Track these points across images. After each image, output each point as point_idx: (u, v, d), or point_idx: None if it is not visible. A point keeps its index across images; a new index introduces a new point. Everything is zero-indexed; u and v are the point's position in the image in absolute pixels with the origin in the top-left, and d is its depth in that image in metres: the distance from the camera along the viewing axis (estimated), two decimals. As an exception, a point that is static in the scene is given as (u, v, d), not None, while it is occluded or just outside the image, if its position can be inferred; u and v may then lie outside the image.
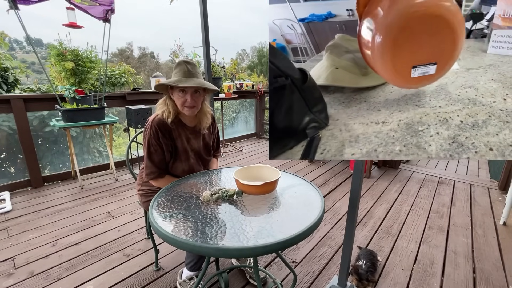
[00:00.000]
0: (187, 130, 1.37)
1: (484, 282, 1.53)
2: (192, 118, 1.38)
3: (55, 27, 2.95)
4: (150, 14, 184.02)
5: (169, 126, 1.30)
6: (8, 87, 3.38)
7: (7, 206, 2.33)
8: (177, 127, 1.33)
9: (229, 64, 4.86)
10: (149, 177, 1.31)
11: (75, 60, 2.67)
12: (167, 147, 1.30)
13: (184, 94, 1.25)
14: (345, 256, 1.35)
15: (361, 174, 1.20)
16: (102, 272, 1.57)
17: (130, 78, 4.98)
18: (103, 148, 3.69)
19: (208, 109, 1.42)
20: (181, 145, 1.35)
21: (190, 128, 1.38)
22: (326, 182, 2.99)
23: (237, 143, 4.93)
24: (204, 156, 1.47)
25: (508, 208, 2.08)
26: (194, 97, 1.27)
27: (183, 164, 1.37)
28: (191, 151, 1.39)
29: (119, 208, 2.37)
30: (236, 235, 0.84)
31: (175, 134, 1.33)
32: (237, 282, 1.52)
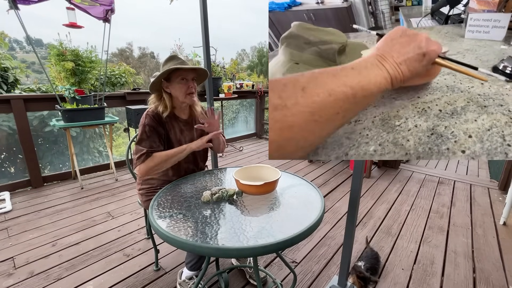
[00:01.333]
0: (180, 123, 1.39)
1: (484, 282, 1.53)
2: (186, 110, 1.41)
3: (55, 27, 2.95)
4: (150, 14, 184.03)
5: (163, 119, 1.32)
6: (8, 87, 3.38)
7: (7, 206, 2.33)
8: (170, 120, 1.36)
9: (229, 64, 4.86)
10: (138, 162, 1.25)
11: (75, 60, 2.67)
12: (160, 136, 1.31)
13: (187, 82, 1.29)
14: (345, 256, 1.35)
15: (361, 174, 1.20)
16: (102, 272, 1.57)
17: (130, 78, 4.98)
18: (103, 148, 3.69)
19: (198, 101, 1.46)
20: (175, 137, 1.37)
21: (183, 121, 1.41)
22: (326, 182, 2.99)
23: (237, 143, 4.93)
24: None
25: (508, 208, 2.08)
26: (194, 84, 1.32)
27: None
28: (185, 142, 1.40)
29: (119, 208, 2.37)
30: (236, 235, 0.84)
31: (169, 126, 1.35)
32: (237, 282, 1.52)
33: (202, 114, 1.50)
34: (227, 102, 5.21)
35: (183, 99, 1.31)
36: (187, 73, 1.29)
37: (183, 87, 1.29)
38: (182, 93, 1.30)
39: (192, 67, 1.29)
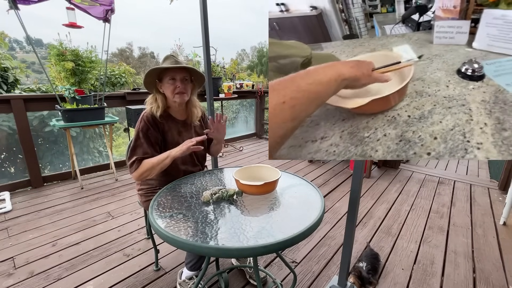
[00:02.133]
0: (178, 124, 1.39)
1: (484, 282, 1.53)
2: (182, 111, 1.41)
3: (55, 27, 2.94)
4: (150, 14, 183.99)
5: (158, 121, 1.32)
6: (8, 87, 3.38)
7: (7, 206, 2.33)
8: (167, 121, 1.35)
9: (229, 64, 4.86)
10: (131, 169, 1.28)
11: (75, 60, 2.67)
12: (156, 140, 1.31)
13: (174, 81, 1.29)
14: (345, 256, 1.35)
15: (361, 174, 1.20)
16: (102, 272, 1.57)
17: (130, 78, 4.98)
18: (103, 148, 3.69)
19: (197, 103, 1.45)
20: (172, 138, 1.36)
21: (181, 122, 1.40)
22: (326, 182, 2.99)
23: (237, 143, 4.93)
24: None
25: (508, 208, 2.08)
26: (183, 83, 1.31)
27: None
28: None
29: (119, 208, 2.37)
30: (236, 235, 0.84)
31: (165, 128, 1.35)
32: (237, 282, 1.52)
33: (202, 117, 1.49)
34: (227, 102, 5.21)
35: (172, 98, 1.32)
36: (175, 73, 1.28)
37: (171, 86, 1.29)
38: (170, 92, 1.30)
39: (174, 66, 1.25)
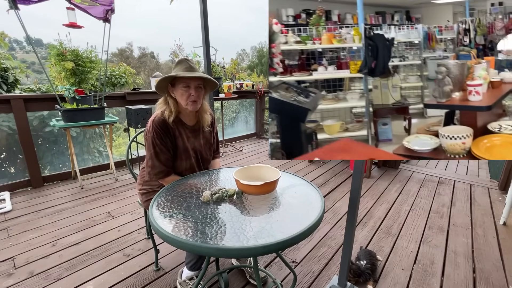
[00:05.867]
0: (187, 129, 1.38)
1: (484, 282, 1.53)
2: (192, 117, 1.40)
3: (55, 27, 2.94)
4: (150, 14, 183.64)
5: (170, 125, 1.31)
6: (8, 87, 3.38)
7: (7, 206, 2.33)
8: (177, 126, 1.35)
9: (229, 64, 4.86)
10: (157, 177, 1.32)
11: (75, 60, 2.67)
12: (170, 146, 1.32)
13: (188, 88, 1.27)
14: (345, 256, 1.35)
15: (361, 174, 1.20)
16: (102, 272, 1.57)
17: (130, 78, 4.98)
18: (103, 148, 3.69)
19: (207, 107, 1.45)
20: (182, 144, 1.35)
21: (190, 127, 1.39)
22: (326, 182, 2.99)
23: (237, 143, 4.93)
24: (204, 155, 1.48)
25: (508, 208, 2.08)
26: (197, 92, 1.29)
27: (184, 162, 1.38)
28: (191, 149, 1.39)
29: (119, 208, 2.37)
30: (236, 235, 0.84)
31: (176, 133, 1.34)
32: (237, 282, 1.52)
33: (212, 122, 1.49)
34: (227, 102, 5.20)
35: (184, 105, 1.30)
36: (190, 80, 1.26)
37: (185, 94, 1.27)
38: (184, 99, 1.29)
39: (191, 76, 1.24)
